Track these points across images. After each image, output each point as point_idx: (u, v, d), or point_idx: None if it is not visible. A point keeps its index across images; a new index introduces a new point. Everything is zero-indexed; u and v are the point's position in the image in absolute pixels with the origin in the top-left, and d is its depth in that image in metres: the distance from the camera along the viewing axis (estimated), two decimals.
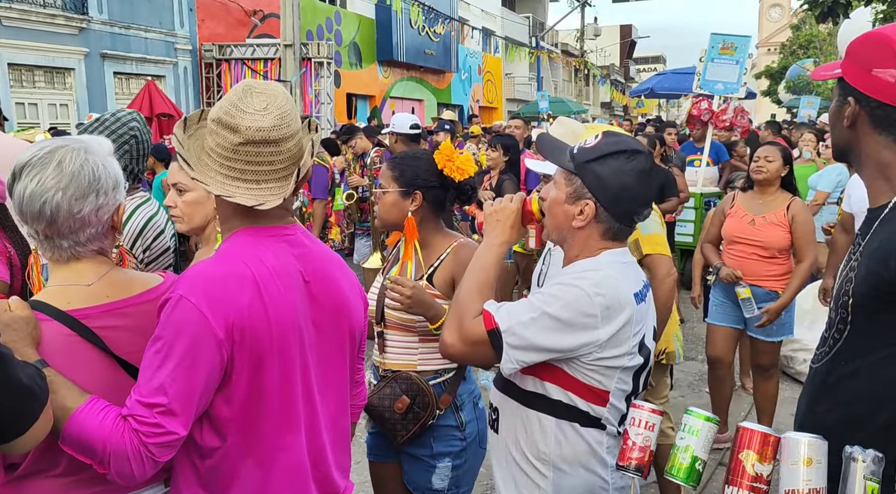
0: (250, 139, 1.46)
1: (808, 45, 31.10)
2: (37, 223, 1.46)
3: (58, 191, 1.44)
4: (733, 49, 7.94)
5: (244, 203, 1.47)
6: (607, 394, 1.74)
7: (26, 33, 12.01)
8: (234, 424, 1.48)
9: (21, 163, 1.47)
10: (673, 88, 17.96)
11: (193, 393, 1.40)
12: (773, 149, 4.17)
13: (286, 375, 1.51)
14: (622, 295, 1.70)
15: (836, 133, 1.59)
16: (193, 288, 1.42)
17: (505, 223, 1.86)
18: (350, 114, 20.02)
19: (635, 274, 1.82)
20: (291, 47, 13.58)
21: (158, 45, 14.74)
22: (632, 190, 1.74)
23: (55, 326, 1.44)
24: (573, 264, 1.80)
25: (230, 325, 1.42)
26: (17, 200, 1.46)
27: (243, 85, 1.52)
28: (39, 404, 1.26)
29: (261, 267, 1.48)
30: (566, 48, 40.80)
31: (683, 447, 1.62)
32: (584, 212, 1.75)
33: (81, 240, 1.50)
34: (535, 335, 1.66)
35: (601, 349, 1.69)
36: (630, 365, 1.75)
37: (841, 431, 1.49)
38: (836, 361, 1.55)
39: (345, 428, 1.72)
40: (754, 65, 47.38)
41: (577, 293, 1.67)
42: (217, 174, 1.50)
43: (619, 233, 1.79)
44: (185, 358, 1.38)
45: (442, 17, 21.82)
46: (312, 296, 1.58)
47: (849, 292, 1.51)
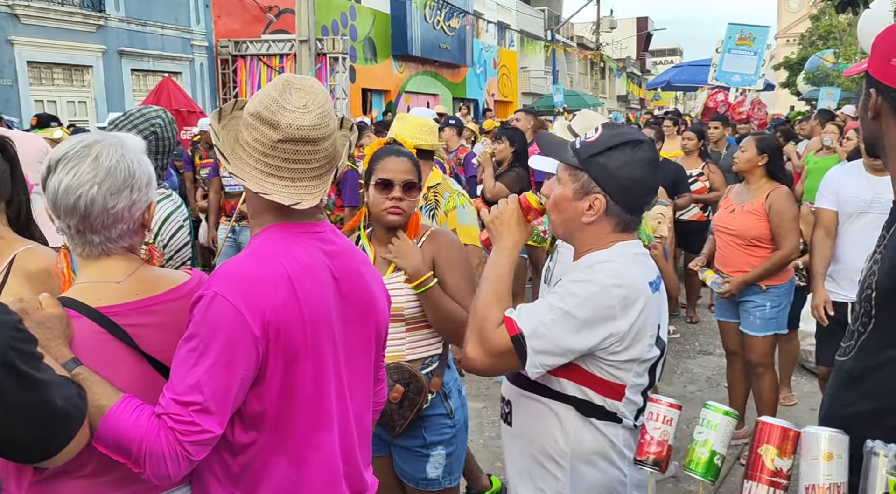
0: (290, 137, 1.45)
1: (828, 35, 30.68)
2: (70, 217, 1.45)
3: (93, 185, 1.43)
4: (751, 40, 7.82)
5: (281, 201, 1.47)
6: (623, 388, 1.72)
7: (45, 31, 12.11)
8: (266, 421, 1.48)
9: (57, 156, 1.46)
10: (690, 81, 17.81)
11: (229, 392, 1.40)
12: (750, 139, 4.28)
13: (319, 372, 1.51)
14: (638, 283, 1.68)
15: (864, 127, 1.60)
16: (229, 286, 1.42)
17: (508, 224, 1.83)
18: (365, 109, 20.04)
19: (648, 264, 1.80)
20: (307, 43, 13.58)
21: (175, 41, 14.82)
22: (642, 181, 1.72)
23: (86, 323, 1.43)
24: (585, 256, 1.78)
25: (266, 323, 1.42)
26: (52, 193, 1.45)
27: (283, 80, 1.51)
28: (75, 425, 1.26)
29: (294, 264, 1.49)
30: (582, 41, 40.56)
31: (702, 441, 1.61)
32: (593, 207, 1.72)
33: (113, 236, 1.49)
34: (559, 336, 1.63)
35: (622, 341, 1.67)
36: (648, 358, 1.73)
37: (864, 424, 1.48)
38: (861, 355, 1.54)
39: (367, 425, 1.73)
40: (773, 56, 46.87)
41: (592, 288, 1.65)
42: (253, 169, 1.49)
43: (630, 224, 1.77)
44: (221, 356, 1.38)
45: (457, 12, 21.76)
46: (342, 293, 1.59)
47: (872, 285, 1.50)
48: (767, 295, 4.11)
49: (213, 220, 7.06)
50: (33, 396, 1.17)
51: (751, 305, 4.12)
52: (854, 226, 3.78)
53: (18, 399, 1.14)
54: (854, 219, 3.78)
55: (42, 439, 1.22)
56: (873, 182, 3.71)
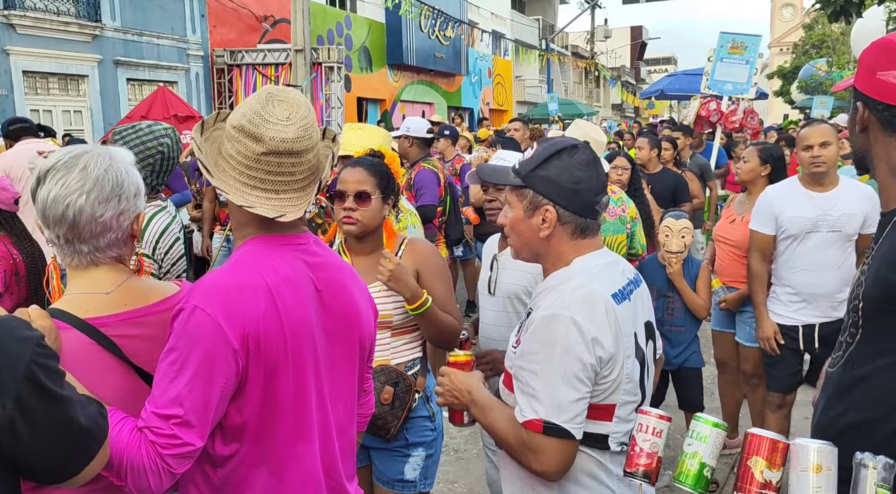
0: (273, 149, 1.46)
1: (821, 44, 30.86)
2: (59, 226, 1.46)
3: (81, 195, 1.44)
4: (743, 48, 7.85)
5: (265, 214, 1.47)
6: (613, 408, 1.70)
7: (41, 41, 12.13)
8: (247, 433, 1.48)
9: (46, 167, 1.47)
10: (683, 89, 17.89)
11: (209, 404, 1.40)
12: (753, 149, 4.25)
13: (300, 384, 1.51)
14: (598, 300, 1.66)
15: (853, 140, 1.62)
16: (208, 299, 1.42)
17: (462, 390, 1.87)
18: (360, 118, 20.07)
19: (616, 272, 1.79)
20: (302, 52, 13.62)
21: (171, 51, 14.84)
22: (585, 181, 1.73)
23: (75, 335, 1.43)
24: (548, 278, 1.79)
25: (245, 335, 1.42)
26: (41, 203, 1.46)
27: (265, 92, 1.51)
28: (97, 443, 1.25)
29: (274, 276, 1.48)
30: (576, 50, 40.72)
31: (691, 453, 1.61)
32: (546, 219, 1.74)
33: (101, 245, 1.49)
34: (568, 394, 1.62)
35: (611, 361, 1.66)
36: (630, 372, 1.71)
37: (853, 435, 1.49)
38: (849, 365, 1.55)
39: (351, 437, 1.72)
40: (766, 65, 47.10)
41: (558, 329, 1.63)
42: (236, 181, 1.49)
43: (587, 228, 1.77)
44: (200, 368, 1.38)
45: (452, 21, 21.85)
46: (324, 305, 1.58)
47: (859, 296, 1.51)
48: None
49: (208, 229, 7.05)
50: (58, 413, 1.16)
51: (747, 315, 4.11)
52: (802, 247, 3.60)
53: (44, 416, 1.13)
54: (801, 240, 3.60)
55: (65, 458, 1.20)
56: (817, 200, 3.56)
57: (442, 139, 7.63)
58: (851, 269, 3.54)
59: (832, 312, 3.59)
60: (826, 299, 3.60)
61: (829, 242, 3.55)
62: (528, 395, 1.64)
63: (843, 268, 3.57)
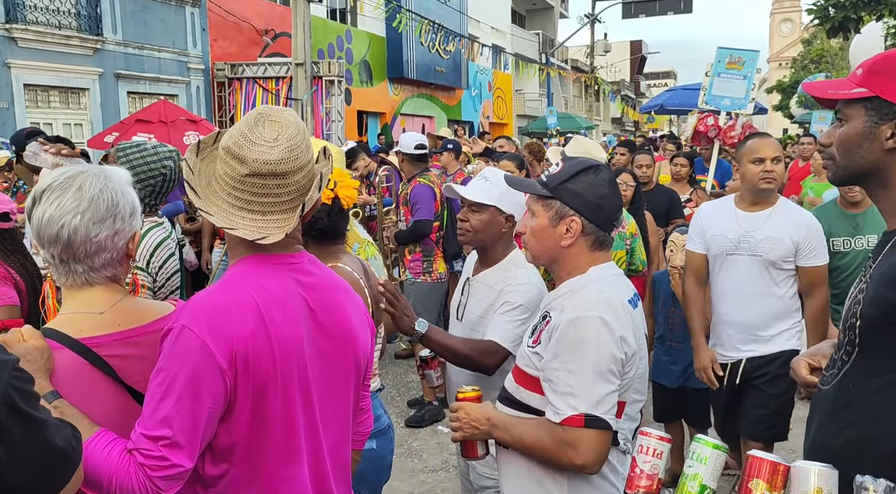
0: (256, 171, 1.45)
1: (820, 59, 31.00)
2: (53, 246, 1.47)
3: (76, 215, 1.45)
4: (741, 64, 7.86)
5: (246, 236, 1.47)
6: (623, 405, 1.81)
7: (42, 54, 12.16)
8: (236, 454, 1.47)
9: (41, 187, 1.48)
10: (683, 104, 17.93)
11: (198, 425, 1.39)
12: None
13: (289, 404, 1.50)
14: (618, 303, 1.79)
15: (859, 153, 1.52)
16: (195, 318, 1.41)
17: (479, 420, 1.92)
18: (361, 131, 20.13)
19: (624, 284, 1.93)
20: (303, 66, 13.67)
21: (171, 64, 14.90)
22: (609, 197, 1.88)
23: (68, 355, 1.43)
24: (564, 284, 1.91)
25: (233, 355, 1.41)
26: (37, 223, 1.47)
27: (257, 113, 1.51)
28: (73, 465, 1.25)
29: (264, 295, 1.48)
30: (576, 64, 40.90)
31: (692, 475, 1.61)
32: (571, 230, 1.87)
33: (96, 265, 1.50)
34: (604, 387, 1.72)
35: (634, 357, 1.77)
36: (642, 372, 1.85)
37: (849, 455, 1.48)
38: (844, 383, 1.54)
39: (345, 457, 1.70)
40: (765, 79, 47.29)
41: (589, 328, 1.73)
42: (224, 202, 1.50)
43: (605, 241, 1.91)
44: (188, 389, 1.37)
45: (452, 35, 21.95)
46: (318, 325, 1.57)
47: (857, 314, 1.49)
48: None
49: (208, 243, 7.05)
50: (35, 437, 1.15)
51: None
52: (723, 271, 3.35)
53: (22, 440, 1.12)
54: (723, 264, 3.35)
55: (42, 481, 1.20)
56: (742, 219, 3.30)
57: (445, 153, 7.65)
58: (785, 303, 3.29)
59: (758, 347, 3.31)
60: (747, 332, 3.32)
61: (749, 268, 3.26)
62: (564, 394, 1.72)
63: (769, 300, 3.27)
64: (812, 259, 3.23)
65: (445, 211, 5.42)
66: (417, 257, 5.40)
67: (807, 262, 3.23)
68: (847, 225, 4.03)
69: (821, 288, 3.31)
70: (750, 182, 3.26)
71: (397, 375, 6.36)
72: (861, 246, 3.96)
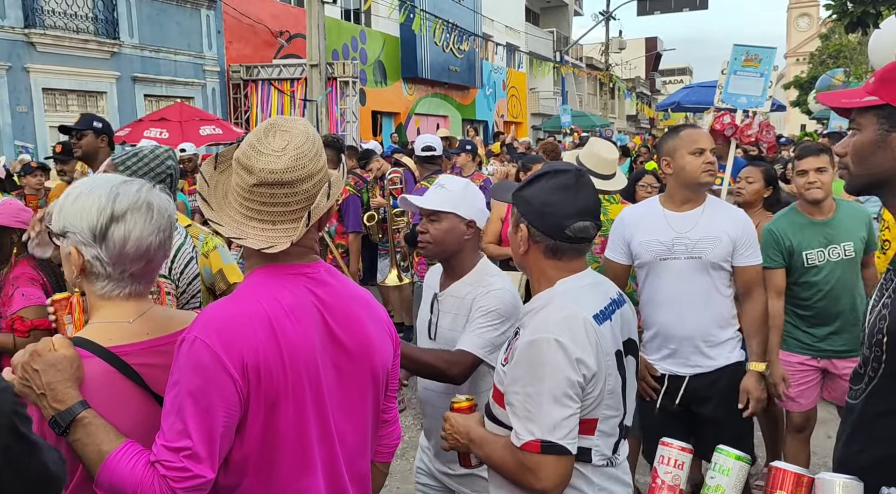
0: (263, 180, 1.46)
1: (838, 54, 30.66)
2: (135, 264, 1.52)
3: (160, 232, 1.53)
4: (757, 61, 7.75)
5: (253, 246, 1.47)
6: (595, 422, 1.76)
7: (60, 58, 12.29)
8: (249, 466, 1.47)
9: (123, 207, 1.50)
10: (699, 101, 17.80)
11: (215, 435, 1.39)
12: (756, 170, 4.21)
13: (301, 416, 1.49)
14: (578, 322, 1.72)
15: (873, 162, 1.50)
16: (207, 329, 1.42)
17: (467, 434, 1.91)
18: (375, 131, 20.16)
19: (598, 293, 1.86)
20: (317, 67, 13.70)
21: (187, 67, 14.99)
22: (554, 204, 1.81)
23: (97, 363, 1.45)
24: (534, 298, 1.88)
25: (245, 365, 1.41)
26: (120, 242, 1.49)
27: (268, 123, 1.52)
28: (60, 488, 1.25)
29: (276, 306, 1.48)
30: (591, 62, 40.75)
31: (714, 487, 1.59)
32: (521, 237, 1.86)
33: (154, 278, 1.60)
34: (560, 412, 1.67)
35: (594, 378, 1.71)
36: (613, 388, 1.77)
37: (877, 471, 1.45)
38: (870, 400, 1.51)
39: (363, 469, 1.69)
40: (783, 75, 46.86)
41: (544, 351, 1.69)
42: (236, 213, 1.51)
43: (560, 249, 1.83)
44: (202, 400, 1.38)
45: (466, 34, 21.93)
46: (333, 335, 1.56)
47: (883, 330, 1.46)
48: None
49: None
50: (35, 459, 1.17)
51: None
52: (658, 278, 3.02)
53: (25, 462, 1.14)
54: (657, 271, 3.02)
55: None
56: (673, 221, 2.99)
57: (463, 154, 7.64)
58: (727, 309, 3.03)
59: (703, 361, 3.00)
60: (689, 343, 3.00)
61: (687, 272, 2.96)
62: (523, 418, 1.70)
63: (712, 306, 2.98)
64: (749, 258, 2.99)
65: None
66: (423, 260, 5.38)
67: (744, 261, 2.98)
68: (818, 234, 3.51)
69: (759, 290, 3.07)
70: (690, 175, 2.94)
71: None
72: (836, 256, 3.50)
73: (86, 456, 1.38)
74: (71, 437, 1.37)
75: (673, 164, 2.98)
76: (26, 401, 1.24)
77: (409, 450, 4.79)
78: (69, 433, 1.37)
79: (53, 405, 1.37)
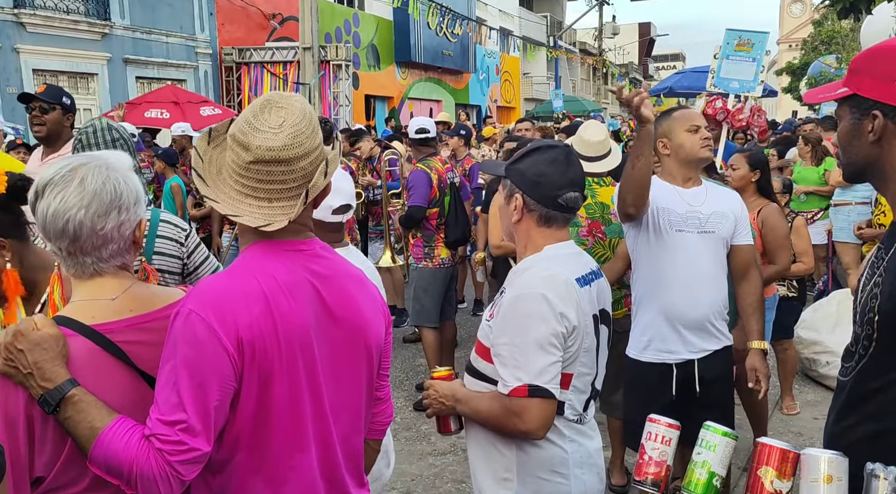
0: (260, 158, 1.45)
1: (831, 41, 30.60)
2: (60, 240, 1.47)
3: (80, 209, 1.45)
4: (749, 46, 7.76)
5: (250, 224, 1.47)
6: (570, 377, 1.92)
7: (50, 39, 12.17)
8: (241, 441, 1.48)
9: (44, 181, 1.48)
10: (692, 87, 17.80)
11: (210, 408, 1.39)
12: (739, 156, 4.28)
13: (295, 393, 1.50)
14: (560, 280, 1.89)
15: (853, 150, 1.57)
16: (202, 303, 1.42)
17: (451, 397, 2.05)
18: (368, 115, 20.07)
19: (579, 262, 2.03)
20: (310, 50, 13.63)
21: (179, 49, 14.87)
22: (547, 174, 1.96)
23: (81, 341, 1.44)
24: (521, 261, 2.03)
25: (239, 339, 1.41)
26: (41, 218, 1.47)
27: (264, 99, 1.51)
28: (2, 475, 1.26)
29: (271, 281, 1.48)
30: (584, 47, 40.58)
31: (701, 462, 1.62)
32: (516, 206, 1.99)
33: (104, 256, 1.50)
34: (546, 359, 1.83)
35: (574, 333, 1.87)
36: (589, 346, 1.95)
37: (867, 446, 1.48)
38: (862, 376, 1.54)
39: (357, 446, 1.70)
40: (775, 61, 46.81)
41: (531, 304, 1.85)
42: (231, 189, 1.50)
43: (552, 218, 1.99)
44: (197, 373, 1.38)
45: (459, 18, 21.80)
46: (328, 312, 1.57)
47: (874, 308, 1.49)
48: None
49: (217, 228, 7.08)
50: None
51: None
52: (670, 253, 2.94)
53: None
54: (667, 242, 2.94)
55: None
56: (684, 194, 2.98)
57: (455, 137, 7.62)
58: (725, 287, 3.01)
59: (709, 343, 2.96)
60: (698, 325, 2.93)
61: (701, 247, 2.92)
62: (511, 366, 1.84)
63: (720, 284, 2.98)
64: (745, 237, 3.05)
65: (447, 197, 5.37)
66: (419, 243, 5.38)
67: (742, 240, 3.02)
68: None
69: (755, 270, 3.10)
70: (690, 152, 2.94)
71: (405, 359, 6.39)
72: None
73: (78, 434, 1.37)
74: (61, 415, 1.37)
75: (670, 144, 2.99)
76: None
77: (400, 431, 4.84)
78: (59, 411, 1.36)
79: (42, 384, 1.36)
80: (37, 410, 1.38)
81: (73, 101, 3.85)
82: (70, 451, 1.41)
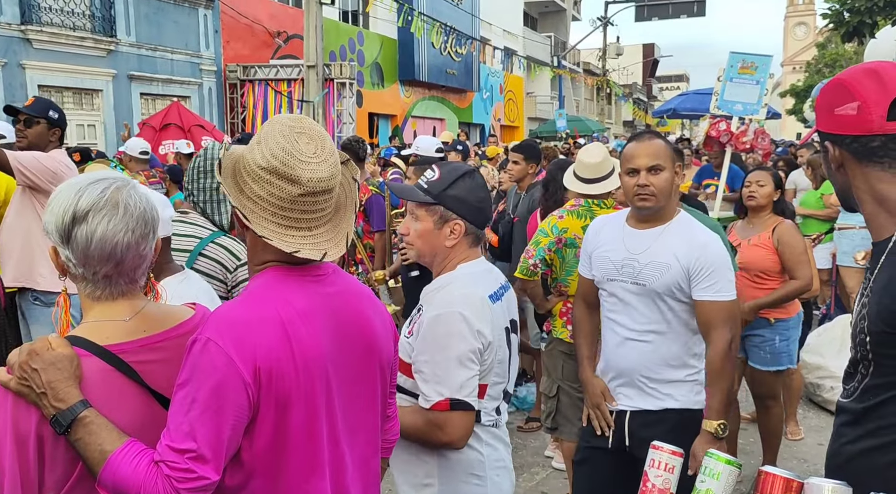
0: (311, 190, 1.46)
1: (834, 63, 30.84)
2: (104, 265, 1.47)
3: (127, 232, 1.47)
4: (753, 69, 7.79)
5: (310, 257, 1.48)
6: (486, 387, 2.02)
7: (56, 55, 12.26)
8: (257, 468, 1.47)
9: (85, 206, 1.47)
10: (695, 109, 17.87)
11: (222, 437, 1.39)
12: (765, 174, 4.23)
13: (312, 418, 1.49)
14: (477, 298, 1.99)
15: (833, 181, 1.66)
16: (219, 331, 1.41)
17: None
18: (372, 133, 20.17)
19: (490, 278, 2.13)
20: (314, 68, 13.71)
21: (184, 66, 14.98)
22: (486, 199, 2.10)
23: (94, 362, 1.44)
24: (437, 279, 2.11)
25: (257, 369, 1.41)
26: (84, 242, 1.45)
27: (286, 126, 1.49)
28: None
29: (288, 308, 1.47)
30: (588, 67, 40.86)
31: (704, 490, 1.59)
32: (454, 232, 2.05)
33: (136, 276, 1.53)
34: (465, 374, 1.93)
35: (489, 348, 1.98)
36: (502, 357, 2.06)
37: (867, 464, 1.48)
38: (864, 397, 1.54)
39: (375, 469, 1.70)
40: (779, 83, 47.08)
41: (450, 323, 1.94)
42: (269, 222, 1.48)
43: (480, 238, 2.14)
44: (212, 401, 1.38)
45: (464, 38, 21.97)
46: (343, 336, 1.57)
47: (865, 330, 1.50)
48: (775, 328, 4.07)
49: None
50: None
51: (759, 339, 4.09)
52: (608, 300, 2.71)
53: None
54: (605, 290, 2.72)
55: None
56: (630, 238, 2.65)
57: (453, 152, 7.62)
58: (679, 345, 2.59)
59: (644, 400, 2.60)
60: (629, 377, 2.63)
61: (631, 298, 2.61)
62: (433, 382, 1.94)
63: (659, 340, 2.57)
64: (707, 291, 2.49)
65: None
66: None
67: (702, 295, 2.49)
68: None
69: (720, 332, 2.48)
70: (626, 197, 2.65)
71: None
72: None
73: (88, 456, 1.37)
74: (72, 436, 1.36)
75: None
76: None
77: None
78: (70, 432, 1.36)
79: (54, 404, 1.36)
80: (48, 429, 1.37)
81: (61, 115, 3.72)
82: (81, 471, 1.41)
